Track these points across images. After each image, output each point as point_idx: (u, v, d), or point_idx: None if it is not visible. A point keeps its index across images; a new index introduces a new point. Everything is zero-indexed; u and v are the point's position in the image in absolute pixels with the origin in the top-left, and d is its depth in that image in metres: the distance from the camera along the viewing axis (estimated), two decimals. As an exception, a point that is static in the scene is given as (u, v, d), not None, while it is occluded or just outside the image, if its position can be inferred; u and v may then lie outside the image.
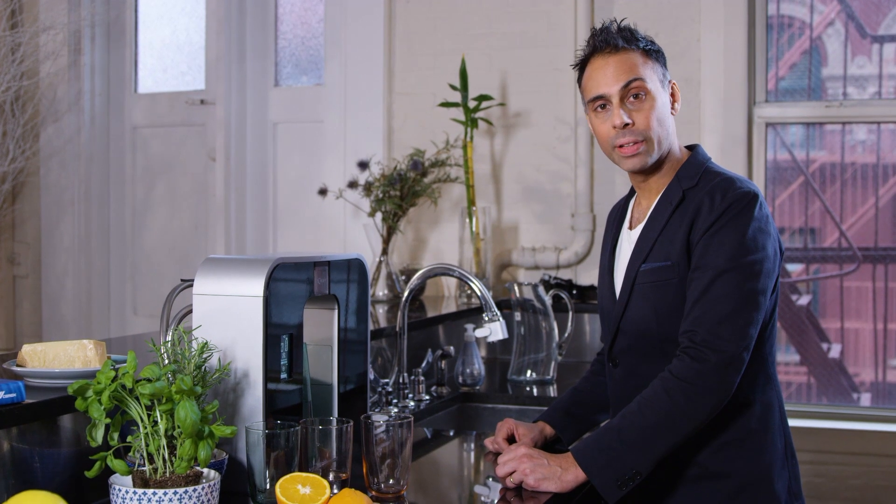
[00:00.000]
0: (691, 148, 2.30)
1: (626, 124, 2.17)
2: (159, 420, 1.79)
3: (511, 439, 2.47)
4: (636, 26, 2.26)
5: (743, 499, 2.15)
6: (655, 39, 3.52)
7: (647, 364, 2.21)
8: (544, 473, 2.07)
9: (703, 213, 2.11)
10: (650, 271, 2.19)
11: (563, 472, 2.06)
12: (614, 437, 2.05)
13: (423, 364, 3.21)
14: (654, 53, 2.21)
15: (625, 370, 2.29)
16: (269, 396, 2.05)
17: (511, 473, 2.11)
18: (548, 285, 4.00)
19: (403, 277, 4.23)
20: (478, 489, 2.30)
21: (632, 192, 2.40)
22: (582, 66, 2.27)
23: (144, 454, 1.79)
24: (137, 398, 1.78)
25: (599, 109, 2.22)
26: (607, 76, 2.19)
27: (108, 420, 1.77)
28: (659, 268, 2.17)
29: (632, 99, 2.18)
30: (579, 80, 2.28)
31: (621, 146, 2.20)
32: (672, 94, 2.25)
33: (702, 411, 2.04)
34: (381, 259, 4.15)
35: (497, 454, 2.38)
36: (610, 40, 2.20)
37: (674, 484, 2.19)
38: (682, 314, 2.13)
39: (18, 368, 2.04)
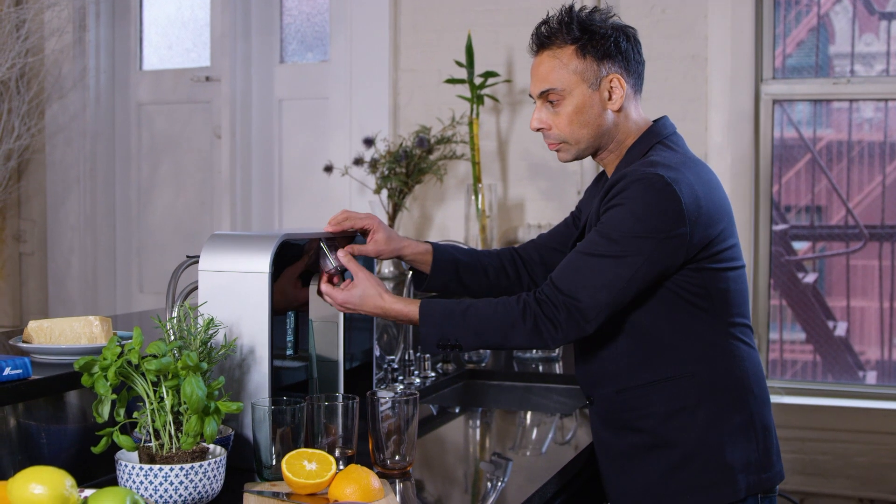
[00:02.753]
0: (656, 121, 2.29)
1: (539, 129, 2.24)
2: (165, 396, 1.79)
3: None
4: (587, 11, 2.24)
5: (690, 468, 2.16)
6: (662, 15, 3.49)
7: None
8: (365, 309, 2.18)
9: (612, 191, 2.13)
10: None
11: (387, 312, 2.17)
12: (460, 312, 2.12)
13: (429, 341, 3.21)
14: (590, 49, 2.19)
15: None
16: (275, 373, 2.05)
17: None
18: (553, 263, 4.00)
19: (409, 255, 4.22)
20: (483, 466, 2.30)
21: None
22: None
23: (150, 430, 1.80)
24: (143, 374, 1.79)
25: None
26: (532, 78, 2.26)
27: (115, 396, 1.78)
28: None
29: (549, 104, 2.22)
30: None
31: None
32: (610, 90, 2.20)
33: (535, 343, 2.10)
34: (387, 236, 4.15)
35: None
36: (535, 41, 2.25)
37: (623, 452, 2.22)
38: None
39: (25, 345, 2.05)
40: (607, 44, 2.19)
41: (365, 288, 2.16)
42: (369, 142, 4.17)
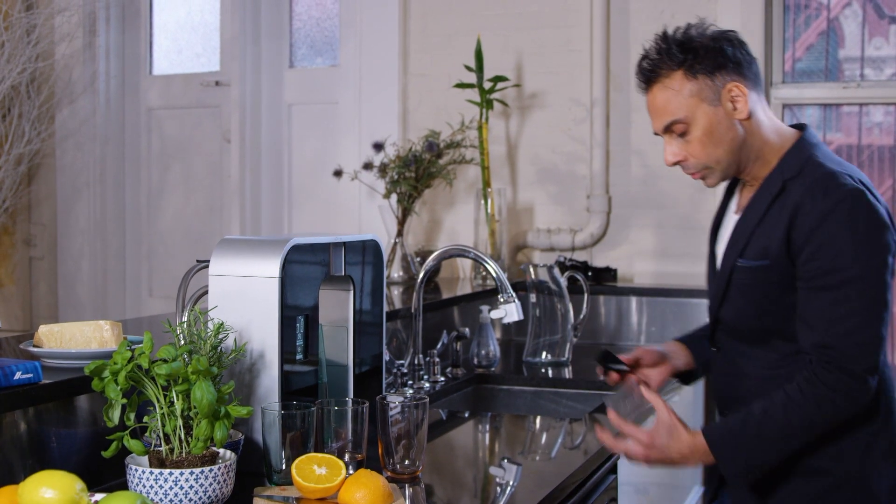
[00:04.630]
0: (800, 127, 2.20)
1: (675, 162, 2.15)
2: (175, 400, 1.79)
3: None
4: (682, 30, 2.17)
5: (837, 496, 2.10)
6: (672, 20, 3.47)
7: (749, 348, 2.19)
8: (665, 465, 2.11)
9: (805, 212, 2.03)
10: (748, 270, 2.13)
11: (684, 464, 2.10)
12: (752, 429, 2.04)
13: (439, 345, 3.21)
14: (698, 67, 2.10)
15: (726, 355, 2.26)
16: (285, 377, 2.05)
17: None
18: (563, 267, 4.00)
19: (418, 259, 4.23)
20: (492, 470, 2.30)
21: None
22: None
23: (161, 434, 1.80)
24: (154, 379, 1.79)
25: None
26: (651, 115, 2.17)
27: (125, 400, 1.78)
28: (757, 267, 2.11)
29: (678, 136, 2.13)
30: None
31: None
32: (732, 100, 2.11)
33: (839, 418, 2.03)
34: (396, 240, 4.15)
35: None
36: (641, 78, 2.16)
37: (769, 479, 2.16)
38: (785, 308, 2.09)
39: (35, 349, 2.05)
40: (713, 55, 2.11)
41: (673, 425, 2.08)
42: (379, 146, 4.17)
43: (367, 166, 4.17)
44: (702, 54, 2.11)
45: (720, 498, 2.35)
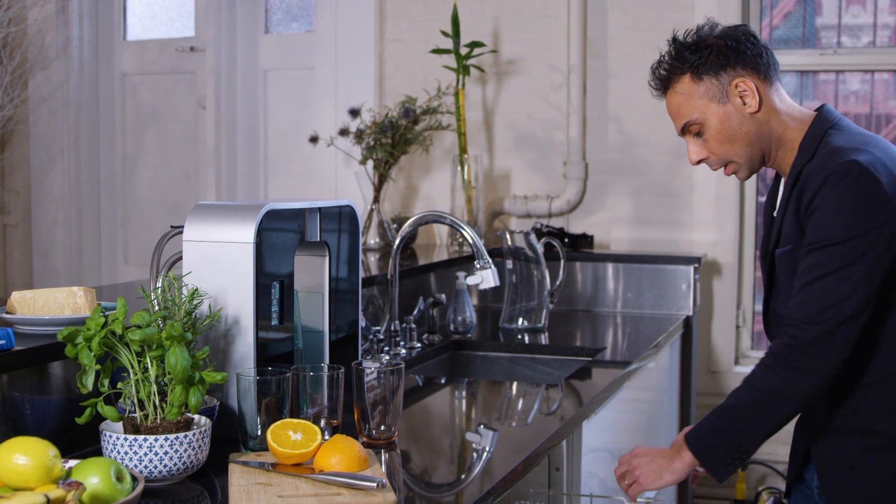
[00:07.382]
0: (820, 109, 2.21)
1: (699, 161, 2.21)
2: (150, 366, 1.79)
3: None
4: (692, 32, 2.21)
5: (886, 456, 2.08)
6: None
7: None
8: (654, 470, 2.15)
9: (806, 191, 2.05)
10: (781, 256, 2.16)
11: (672, 462, 2.13)
12: (728, 421, 2.09)
13: (415, 312, 3.21)
14: (704, 68, 2.15)
15: None
16: (260, 343, 2.05)
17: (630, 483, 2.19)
18: (539, 233, 4.00)
19: (395, 225, 4.22)
20: (469, 436, 2.31)
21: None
22: None
23: (135, 400, 1.79)
24: (127, 344, 1.78)
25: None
26: (670, 117, 2.24)
27: (98, 366, 1.77)
28: (785, 253, 2.14)
29: (696, 136, 2.20)
30: None
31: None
32: (740, 96, 2.14)
33: (801, 388, 2.03)
34: (373, 207, 4.14)
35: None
36: (656, 85, 2.24)
37: (849, 457, 2.13)
38: None
39: (8, 315, 2.04)
40: (717, 54, 2.15)
41: (652, 455, 2.16)
42: (355, 112, 4.15)
43: (344, 132, 4.15)
44: (705, 55, 2.16)
45: (805, 475, 2.29)
